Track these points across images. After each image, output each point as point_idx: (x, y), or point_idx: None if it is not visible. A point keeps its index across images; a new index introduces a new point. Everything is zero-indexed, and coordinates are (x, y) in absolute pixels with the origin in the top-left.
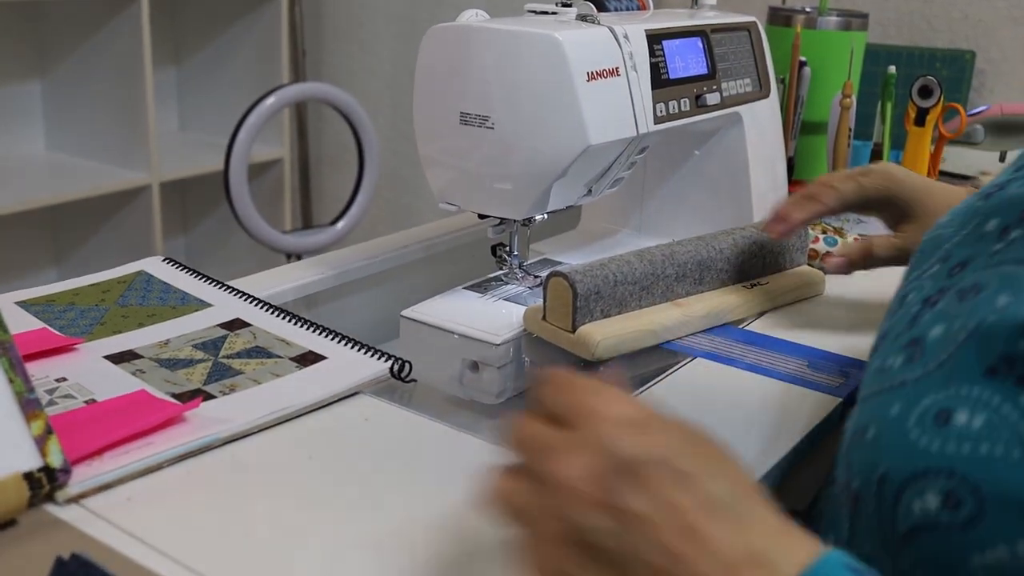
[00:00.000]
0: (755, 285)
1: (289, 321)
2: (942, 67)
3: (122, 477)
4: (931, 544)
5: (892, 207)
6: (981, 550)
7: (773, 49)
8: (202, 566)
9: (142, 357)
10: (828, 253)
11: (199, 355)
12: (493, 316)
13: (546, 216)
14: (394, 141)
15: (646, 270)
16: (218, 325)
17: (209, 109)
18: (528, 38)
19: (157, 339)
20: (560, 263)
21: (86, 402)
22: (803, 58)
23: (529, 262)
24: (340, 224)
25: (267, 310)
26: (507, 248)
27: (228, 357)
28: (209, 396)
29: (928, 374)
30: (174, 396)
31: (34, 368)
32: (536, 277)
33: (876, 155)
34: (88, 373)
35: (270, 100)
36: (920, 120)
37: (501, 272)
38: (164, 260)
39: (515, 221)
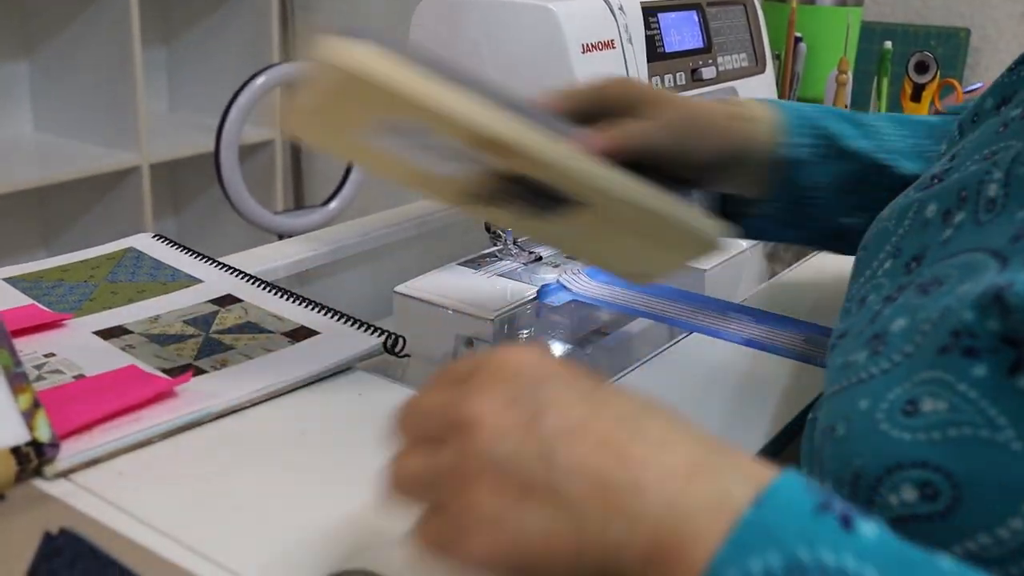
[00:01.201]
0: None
1: (281, 296)
2: (937, 44)
3: (112, 452)
4: (911, 538)
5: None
6: (962, 538)
7: (768, 25)
8: (193, 541)
9: (132, 333)
10: None
11: (190, 330)
12: (487, 292)
13: None
14: None
15: (477, 79)
16: (209, 301)
17: (199, 89)
18: (522, 9)
19: (147, 315)
20: None
21: (75, 377)
22: (798, 34)
23: (523, 238)
24: (332, 205)
25: (258, 286)
26: None
27: (219, 332)
28: (200, 371)
29: (895, 366)
30: (165, 371)
31: (22, 344)
32: (531, 253)
33: None
34: (77, 349)
35: (261, 80)
36: (916, 96)
37: (495, 248)
38: (154, 236)
39: None
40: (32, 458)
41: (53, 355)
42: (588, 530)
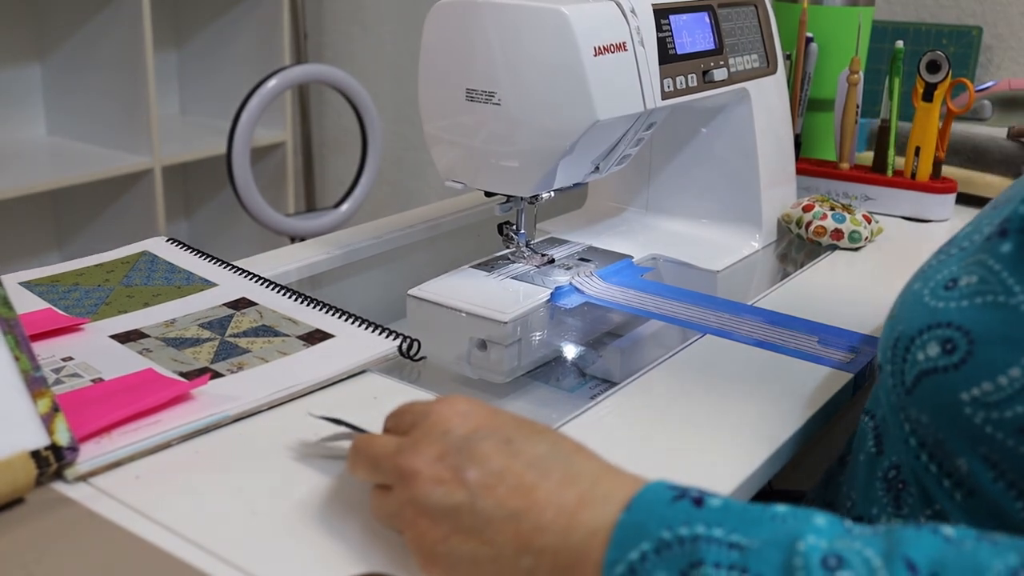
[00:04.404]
0: None
1: (295, 300)
2: (949, 43)
3: (131, 455)
4: (931, 387)
5: None
6: (968, 387)
7: (780, 25)
8: (210, 544)
9: (148, 336)
10: (837, 231)
11: (205, 334)
12: (501, 294)
13: (553, 194)
14: (397, 123)
15: None
16: (224, 304)
17: (210, 92)
18: (534, 12)
19: (163, 318)
20: (567, 241)
21: (93, 381)
22: (810, 34)
23: (536, 240)
24: (344, 207)
25: (273, 289)
26: (514, 226)
27: (235, 336)
28: (217, 374)
29: (949, 257)
30: (181, 375)
31: (40, 348)
32: (544, 255)
33: (884, 131)
34: (94, 352)
35: (272, 83)
36: (928, 96)
37: (508, 251)
38: (167, 240)
39: (522, 199)
40: (51, 461)
41: (71, 359)
42: (504, 560)
